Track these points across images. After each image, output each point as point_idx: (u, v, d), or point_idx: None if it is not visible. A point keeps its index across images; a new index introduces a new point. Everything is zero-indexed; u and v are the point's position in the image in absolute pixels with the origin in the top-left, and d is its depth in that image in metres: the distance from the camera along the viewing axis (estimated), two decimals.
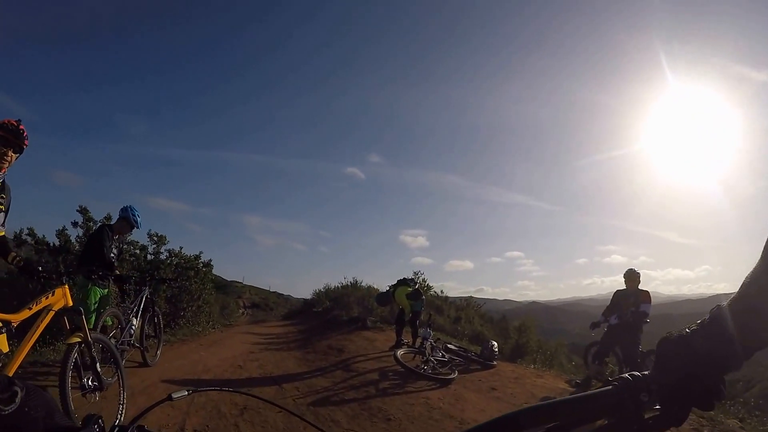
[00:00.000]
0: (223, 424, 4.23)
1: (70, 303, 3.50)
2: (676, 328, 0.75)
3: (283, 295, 44.58)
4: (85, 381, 3.54)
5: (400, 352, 6.80)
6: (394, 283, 8.89)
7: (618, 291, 7.23)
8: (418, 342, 7.64)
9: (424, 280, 15.10)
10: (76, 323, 3.49)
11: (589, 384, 6.85)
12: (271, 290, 46.23)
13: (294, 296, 40.04)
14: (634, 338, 6.73)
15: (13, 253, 3.48)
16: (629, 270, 7.17)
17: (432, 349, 7.15)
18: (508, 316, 18.24)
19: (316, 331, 11.40)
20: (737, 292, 0.72)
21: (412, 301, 8.28)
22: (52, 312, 3.32)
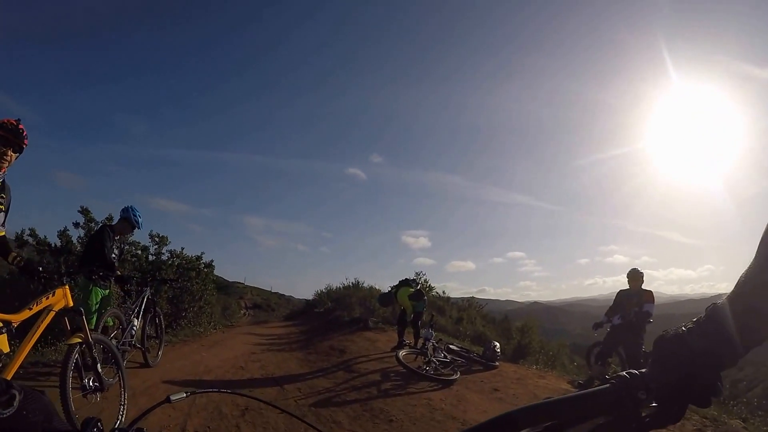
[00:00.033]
0: (225, 426, 4.22)
1: (71, 303, 3.49)
2: (673, 327, 0.76)
3: (284, 295, 44.65)
4: (86, 382, 3.53)
5: (402, 353, 6.79)
6: (396, 283, 8.89)
7: (621, 291, 7.20)
8: (420, 343, 7.62)
9: (425, 281, 15.10)
10: (77, 324, 3.48)
11: (592, 385, 6.81)
12: (273, 291, 46.36)
13: (296, 297, 40.13)
14: (638, 338, 6.69)
15: (13, 253, 3.48)
16: (632, 270, 7.14)
17: (434, 350, 7.14)
18: (510, 316, 18.22)
19: (318, 332, 11.40)
20: (732, 291, 0.72)
21: (414, 302, 8.27)
22: (53, 312, 3.31)
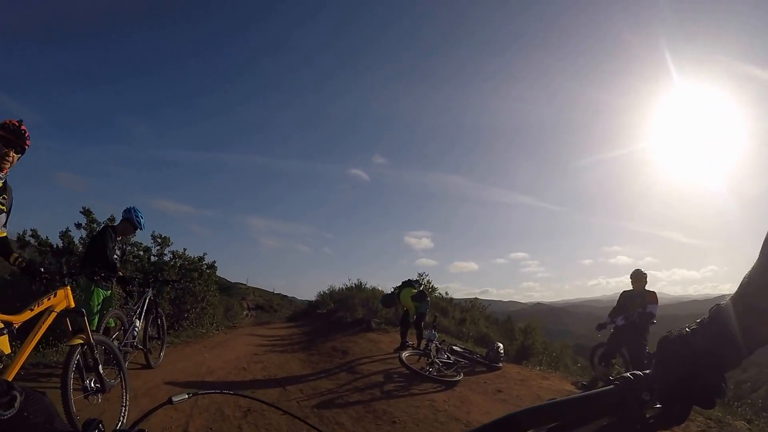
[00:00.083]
0: (227, 427, 4.22)
1: (73, 304, 3.49)
2: (677, 328, 0.76)
3: (287, 296, 44.74)
4: (87, 383, 3.52)
5: (405, 354, 6.77)
6: (399, 284, 8.89)
7: (625, 292, 7.17)
8: (423, 344, 7.61)
9: (428, 282, 15.09)
10: (79, 325, 3.47)
11: (596, 386, 6.78)
12: (275, 292, 46.42)
13: (298, 298, 40.21)
14: (641, 339, 6.66)
15: (15, 254, 3.48)
16: (636, 270, 7.11)
17: (437, 351, 7.12)
18: (513, 317, 18.17)
19: (321, 333, 11.41)
20: (736, 292, 0.72)
21: (417, 303, 8.26)
22: (54, 313, 3.30)
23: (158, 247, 11.37)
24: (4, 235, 3.47)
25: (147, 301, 6.22)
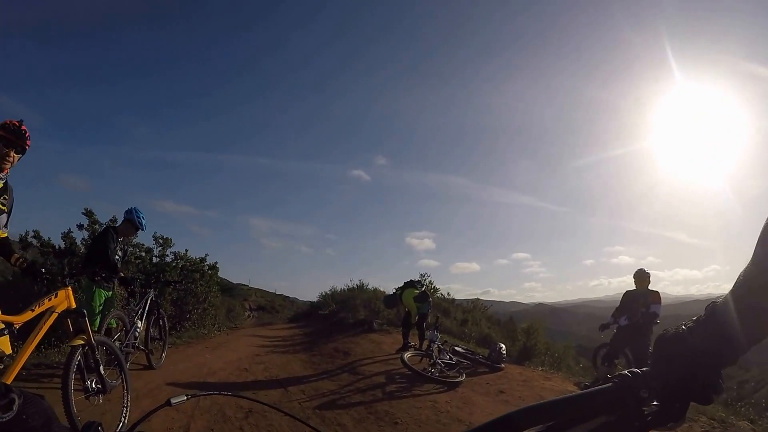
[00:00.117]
0: (228, 428, 4.21)
1: (74, 305, 3.49)
2: (674, 326, 0.76)
3: (289, 297, 44.79)
4: (88, 384, 3.52)
5: (407, 355, 6.75)
6: (401, 285, 8.88)
7: (628, 292, 7.15)
8: (425, 345, 7.58)
9: (430, 282, 15.08)
10: (80, 325, 3.47)
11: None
12: (277, 293, 46.49)
13: (300, 299, 40.26)
14: (645, 340, 6.62)
15: (16, 254, 3.49)
16: (639, 270, 7.09)
17: (439, 352, 7.10)
18: (515, 318, 18.12)
19: (322, 334, 11.39)
20: (731, 289, 0.73)
21: (419, 304, 8.24)
22: (56, 314, 3.30)
23: (160, 248, 11.39)
24: (5, 235, 3.48)
25: (149, 301, 6.23)
